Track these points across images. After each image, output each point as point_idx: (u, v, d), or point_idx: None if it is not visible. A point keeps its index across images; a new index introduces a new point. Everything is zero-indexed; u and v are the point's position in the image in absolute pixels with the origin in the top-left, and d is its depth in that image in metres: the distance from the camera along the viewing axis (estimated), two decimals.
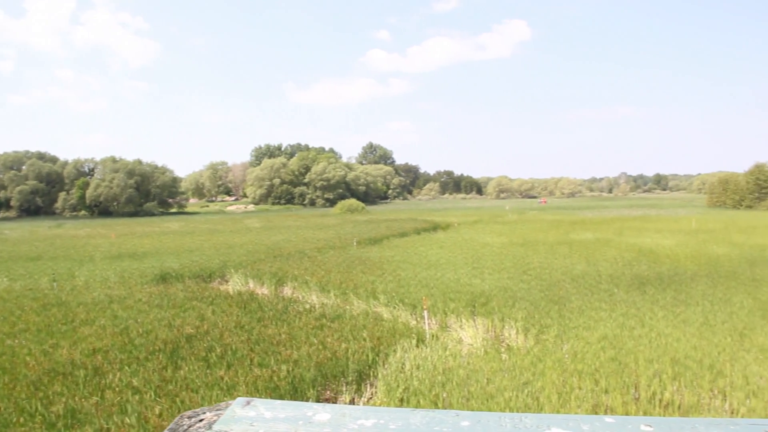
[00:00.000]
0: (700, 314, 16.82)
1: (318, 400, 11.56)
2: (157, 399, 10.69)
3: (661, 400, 10.97)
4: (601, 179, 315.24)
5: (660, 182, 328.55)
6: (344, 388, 12.08)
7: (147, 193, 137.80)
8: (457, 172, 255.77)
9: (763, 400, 11.01)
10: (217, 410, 1.71)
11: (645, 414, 10.32)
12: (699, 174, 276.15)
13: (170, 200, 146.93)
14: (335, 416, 1.58)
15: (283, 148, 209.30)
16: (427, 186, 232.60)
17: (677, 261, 28.70)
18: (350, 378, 12.35)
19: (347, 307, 19.39)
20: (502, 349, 14.28)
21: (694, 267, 26.57)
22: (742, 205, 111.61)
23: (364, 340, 14.51)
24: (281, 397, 10.97)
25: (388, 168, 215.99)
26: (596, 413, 10.32)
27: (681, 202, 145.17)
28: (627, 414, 10.29)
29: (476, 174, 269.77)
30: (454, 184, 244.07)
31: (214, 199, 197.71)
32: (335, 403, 11.68)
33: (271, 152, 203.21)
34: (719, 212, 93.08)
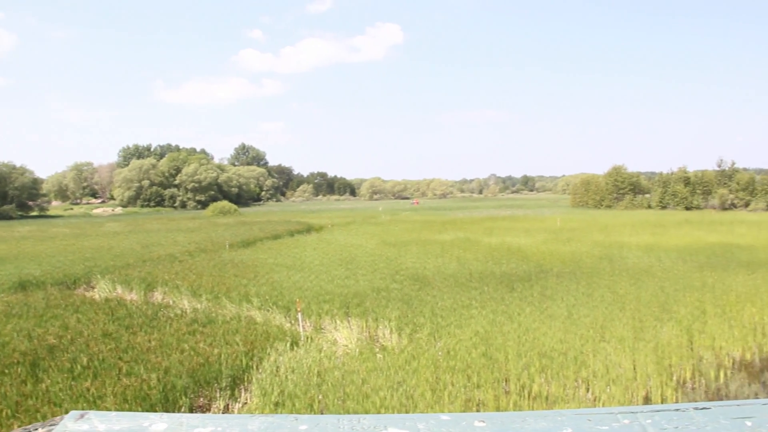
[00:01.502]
0: (565, 309, 17.58)
1: (191, 408, 11.27)
2: (16, 415, 10.08)
3: (530, 392, 11.39)
4: (471, 180, 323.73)
5: (527, 183, 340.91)
6: (218, 395, 11.83)
7: (4, 196, 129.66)
8: (331, 174, 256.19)
9: (622, 387, 11.67)
10: (51, 425, 1.62)
11: (515, 406, 10.69)
12: (563, 176, 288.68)
13: (30, 203, 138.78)
14: (172, 425, 1.55)
15: (152, 149, 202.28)
16: (301, 188, 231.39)
17: (543, 259, 29.88)
18: (224, 384, 12.11)
19: (220, 311, 18.99)
20: (377, 349, 14.40)
21: (559, 264, 27.74)
22: (602, 205, 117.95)
23: (238, 344, 14.25)
24: (152, 407, 10.63)
25: (261, 169, 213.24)
26: (468, 408, 10.59)
27: (547, 203, 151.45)
28: (498, 408, 10.62)
29: (350, 176, 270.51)
30: (328, 186, 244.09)
31: (78, 201, 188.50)
32: (209, 410, 11.43)
33: (139, 153, 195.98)
34: (582, 212, 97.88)
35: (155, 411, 10.25)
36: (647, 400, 11.47)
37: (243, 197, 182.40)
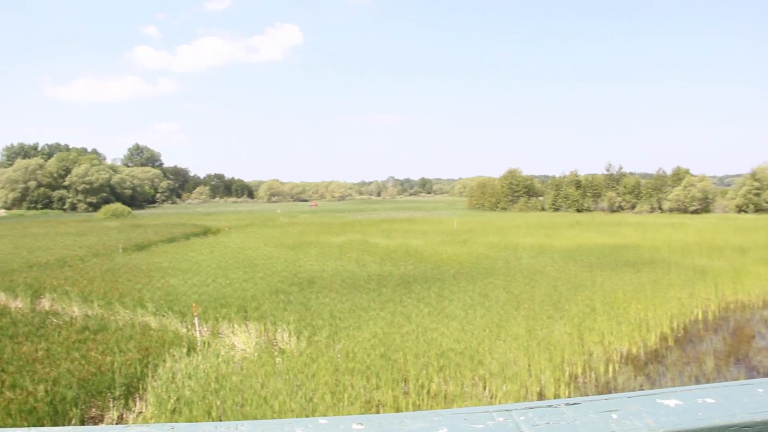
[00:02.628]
0: (462, 309, 17.90)
1: (83, 420, 10.83)
2: None
3: (429, 392, 11.53)
4: (370, 183, 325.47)
5: (425, 186, 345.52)
6: (112, 404, 11.41)
7: None
8: (228, 176, 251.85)
9: (517, 384, 11.98)
10: None
11: (414, 406, 10.79)
12: (460, 178, 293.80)
13: None
14: None
15: (39, 148, 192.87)
16: (197, 189, 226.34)
17: (440, 260, 30.35)
18: (118, 393, 11.68)
19: (113, 318, 18.29)
20: (276, 353, 14.25)
21: (456, 265, 28.25)
22: (498, 207, 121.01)
23: (132, 351, 13.76)
24: (39, 422, 10.15)
25: (156, 171, 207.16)
26: (368, 410, 10.62)
27: (444, 205, 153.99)
28: (397, 408, 10.70)
29: (248, 177, 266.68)
30: (225, 188, 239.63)
31: None
32: (102, 422, 11.03)
33: (25, 152, 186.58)
34: (478, 214, 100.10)
35: (42, 425, 9.79)
36: (541, 396, 11.84)
37: (137, 199, 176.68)
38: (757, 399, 1.13)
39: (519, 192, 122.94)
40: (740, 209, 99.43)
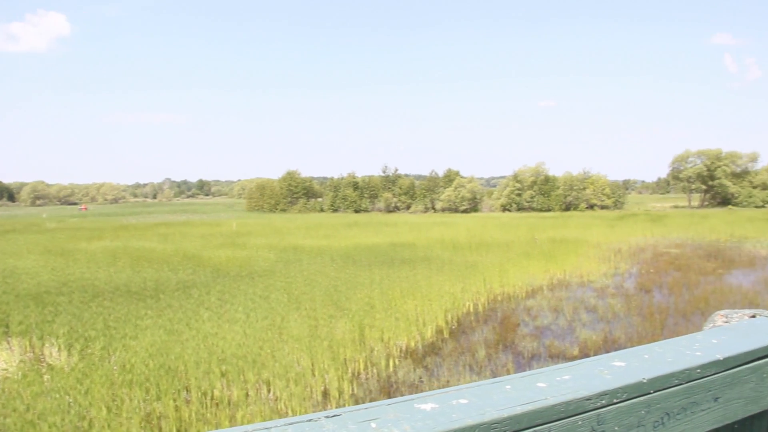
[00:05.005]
0: (243, 312, 17.64)
1: None
2: None
3: (212, 398, 11.22)
4: (145, 185, 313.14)
5: (203, 188, 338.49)
6: None
7: None
8: None
9: (301, 385, 12.00)
10: None
11: (197, 414, 10.45)
12: (239, 180, 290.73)
13: None
14: None
15: None
16: None
17: (220, 263, 29.75)
18: None
19: None
20: (44, 370, 13.16)
21: (236, 268, 27.82)
22: (277, 209, 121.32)
23: None
24: None
25: None
26: (149, 421, 10.15)
27: (223, 207, 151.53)
28: (180, 418, 10.30)
29: (7, 179, 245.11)
30: None
31: None
32: None
33: None
34: (258, 215, 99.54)
35: None
36: (326, 395, 11.94)
37: None
38: (505, 395, 1.17)
39: (298, 193, 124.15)
40: (504, 208, 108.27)
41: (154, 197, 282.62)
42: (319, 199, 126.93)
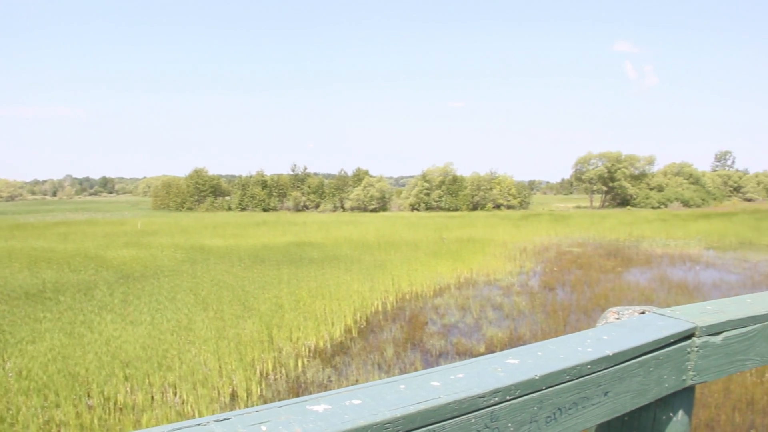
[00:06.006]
0: (148, 314, 17.22)
1: None
2: None
3: (116, 404, 10.92)
4: (44, 182, 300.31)
5: (107, 185, 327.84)
6: None
7: None
8: None
9: (209, 387, 11.83)
10: None
11: (100, 420, 10.16)
12: (145, 177, 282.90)
13: None
14: None
15: None
16: None
17: (124, 263, 28.90)
18: None
19: None
20: None
21: (141, 268, 27.11)
22: (184, 207, 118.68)
23: None
24: None
25: None
26: (48, 430, 9.81)
27: (128, 206, 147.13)
28: (81, 425, 10.00)
29: None
30: None
31: None
32: None
33: None
34: (164, 214, 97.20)
35: None
36: (234, 396, 11.80)
37: None
38: (399, 395, 1.19)
39: (205, 192, 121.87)
40: (413, 207, 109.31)
41: (54, 195, 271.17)
42: (227, 198, 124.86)
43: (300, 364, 13.84)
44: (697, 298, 20.55)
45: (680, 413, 1.78)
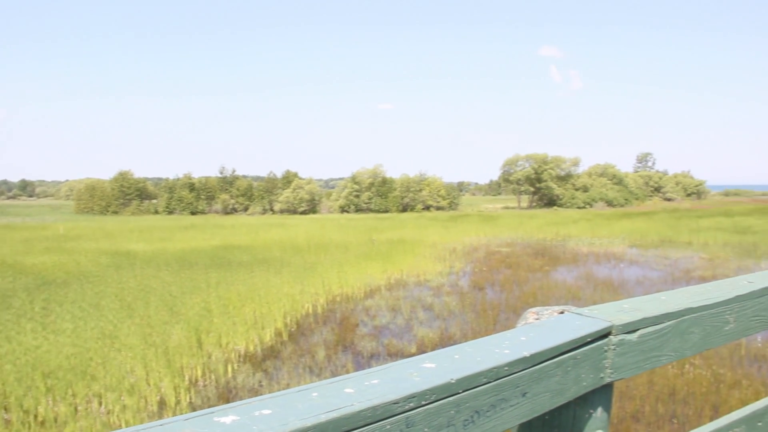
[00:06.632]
0: (71, 322, 16.71)
1: None
2: None
3: (36, 417, 10.54)
4: None
5: (26, 188, 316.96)
6: None
7: None
8: None
9: (135, 396, 11.53)
10: None
11: None
12: (67, 180, 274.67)
13: None
14: None
15: None
16: None
17: (45, 270, 27.93)
18: None
19: None
20: None
21: (63, 275, 26.29)
22: (108, 211, 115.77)
23: None
24: None
25: None
26: None
27: (49, 209, 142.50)
28: None
29: None
30: None
31: None
32: None
33: None
34: (87, 218, 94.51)
35: None
36: (162, 405, 11.53)
37: None
38: (311, 403, 1.15)
39: (131, 195, 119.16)
40: (343, 209, 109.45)
41: None
42: (154, 201, 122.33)
43: (230, 369, 13.64)
44: (622, 295, 21.11)
45: (599, 410, 1.79)
